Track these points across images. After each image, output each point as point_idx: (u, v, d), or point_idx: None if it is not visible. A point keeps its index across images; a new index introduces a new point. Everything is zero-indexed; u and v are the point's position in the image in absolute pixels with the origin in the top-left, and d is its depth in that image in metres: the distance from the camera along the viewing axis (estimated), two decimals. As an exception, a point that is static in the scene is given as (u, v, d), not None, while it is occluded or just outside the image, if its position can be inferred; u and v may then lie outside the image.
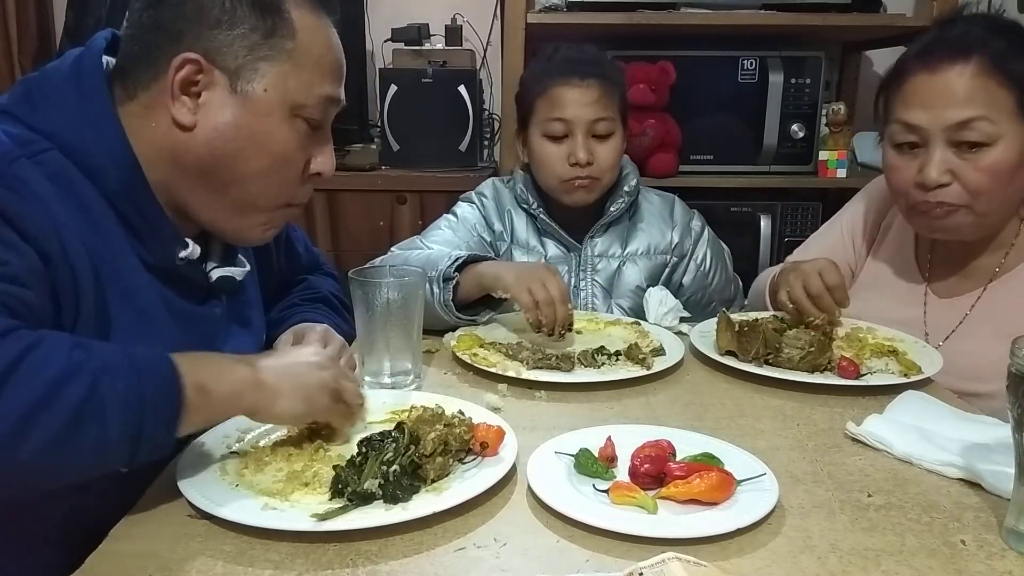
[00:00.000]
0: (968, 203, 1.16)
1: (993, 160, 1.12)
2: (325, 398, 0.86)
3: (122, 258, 0.87)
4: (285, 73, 0.88)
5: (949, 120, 1.13)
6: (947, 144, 1.14)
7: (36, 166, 0.80)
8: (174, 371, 0.73)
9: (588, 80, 1.44)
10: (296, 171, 0.92)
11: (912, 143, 1.18)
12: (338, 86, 0.93)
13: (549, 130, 1.47)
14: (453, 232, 1.52)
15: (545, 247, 1.56)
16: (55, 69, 0.88)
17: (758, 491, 0.80)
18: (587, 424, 0.97)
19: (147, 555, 0.71)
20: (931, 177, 1.15)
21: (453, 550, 0.73)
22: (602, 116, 1.46)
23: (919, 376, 1.12)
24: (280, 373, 0.83)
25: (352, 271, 1.10)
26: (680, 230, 1.57)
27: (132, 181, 0.87)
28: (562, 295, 1.21)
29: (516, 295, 1.21)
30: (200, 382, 0.75)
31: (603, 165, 1.47)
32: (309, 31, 0.89)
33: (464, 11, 2.54)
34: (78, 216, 0.82)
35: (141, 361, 0.72)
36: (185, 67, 0.85)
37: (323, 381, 0.86)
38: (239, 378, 0.79)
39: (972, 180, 1.14)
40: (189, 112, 0.86)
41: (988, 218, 1.19)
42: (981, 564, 0.71)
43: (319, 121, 0.92)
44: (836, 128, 2.30)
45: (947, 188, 1.15)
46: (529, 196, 1.54)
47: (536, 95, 1.48)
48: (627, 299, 1.52)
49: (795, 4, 2.16)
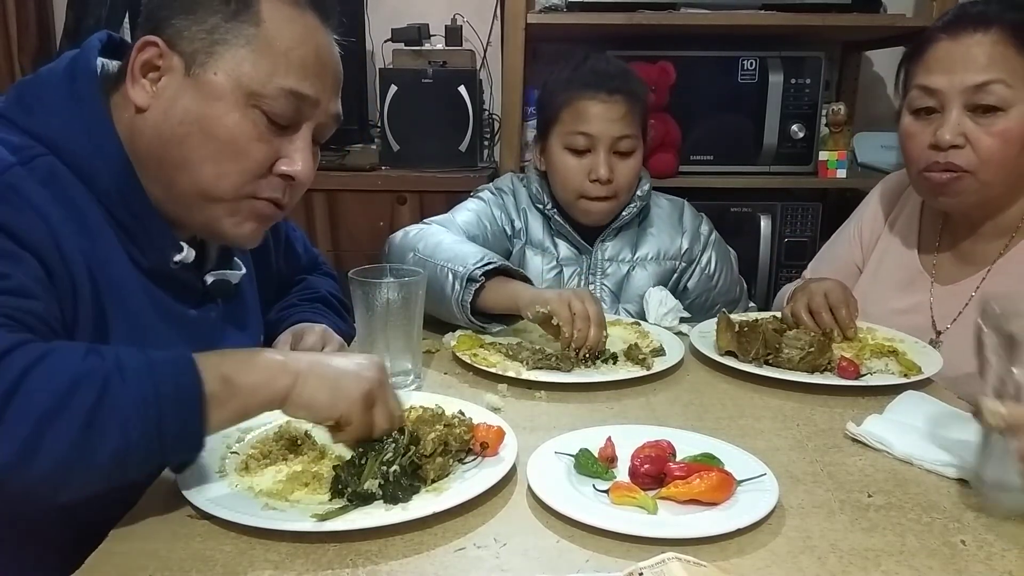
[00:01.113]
0: (975, 169, 1.18)
1: (1006, 126, 1.16)
2: (356, 393, 0.80)
3: (116, 262, 0.86)
4: (241, 58, 0.85)
5: (968, 83, 1.16)
6: (963, 108, 1.18)
7: (30, 172, 0.80)
8: (192, 366, 0.72)
9: (615, 96, 1.44)
10: (253, 163, 0.88)
11: (930, 108, 1.22)
12: (305, 82, 0.88)
13: (571, 143, 1.46)
14: (478, 217, 1.52)
15: (558, 248, 1.56)
16: (49, 72, 0.88)
17: (758, 491, 0.80)
18: (587, 424, 0.97)
19: (147, 555, 0.71)
20: (945, 138, 1.18)
21: (453, 550, 0.73)
22: (626, 134, 1.45)
23: (919, 376, 1.12)
24: (315, 363, 0.80)
25: (352, 271, 1.10)
26: (690, 236, 1.58)
27: (126, 184, 0.86)
28: (600, 319, 1.18)
29: (556, 309, 1.17)
30: (225, 373, 0.74)
31: (622, 183, 1.47)
32: (279, 21, 0.87)
33: (464, 11, 2.54)
34: (72, 221, 0.81)
35: (158, 360, 0.72)
36: (146, 49, 0.85)
37: (359, 379, 0.80)
38: (267, 365, 0.77)
39: (984, 145, 1.17)
40: (146, 95, 0.86)
41: (992, 188, 1.21)
42: (981, 564, 0.71)
43: (284, 117, 0.88)
44: (836, 128, 2.30)
45: (959, 150, 1.18)
46: (544, 196, 1.54)
47: (561, 105, 1.47)
48: (635, 303, 1.52)
49: (795, 4, 2.16)
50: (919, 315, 1.31)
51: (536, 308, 1.19)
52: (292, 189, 0.93)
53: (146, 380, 0.70)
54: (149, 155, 0.87)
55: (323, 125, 0.93)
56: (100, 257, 0.84)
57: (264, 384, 0.76)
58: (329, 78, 0.92)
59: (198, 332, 0.95)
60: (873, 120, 2.62)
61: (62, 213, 0.80)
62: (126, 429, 0.68)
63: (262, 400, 0.77)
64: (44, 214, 0.78)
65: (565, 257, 1.55)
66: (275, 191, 0.91)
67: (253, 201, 0.90)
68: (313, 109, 0.90)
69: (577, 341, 1.16)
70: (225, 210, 0.90)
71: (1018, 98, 1.15)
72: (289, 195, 0.93)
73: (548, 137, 1.51)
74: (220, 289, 0.99)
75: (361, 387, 0.80)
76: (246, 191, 0.89)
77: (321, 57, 0.90)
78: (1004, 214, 1.26)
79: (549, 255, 1.55)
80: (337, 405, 0.79)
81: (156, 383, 0.70)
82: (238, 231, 0.92)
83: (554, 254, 1.55)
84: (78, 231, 0.82)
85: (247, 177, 0.88)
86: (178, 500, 0.79)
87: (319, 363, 0.80)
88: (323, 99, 0.91)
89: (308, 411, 0.80)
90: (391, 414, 0.83)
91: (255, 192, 0.90)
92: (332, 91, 0.93)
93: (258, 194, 0.90)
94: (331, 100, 0.93)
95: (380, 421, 0.81)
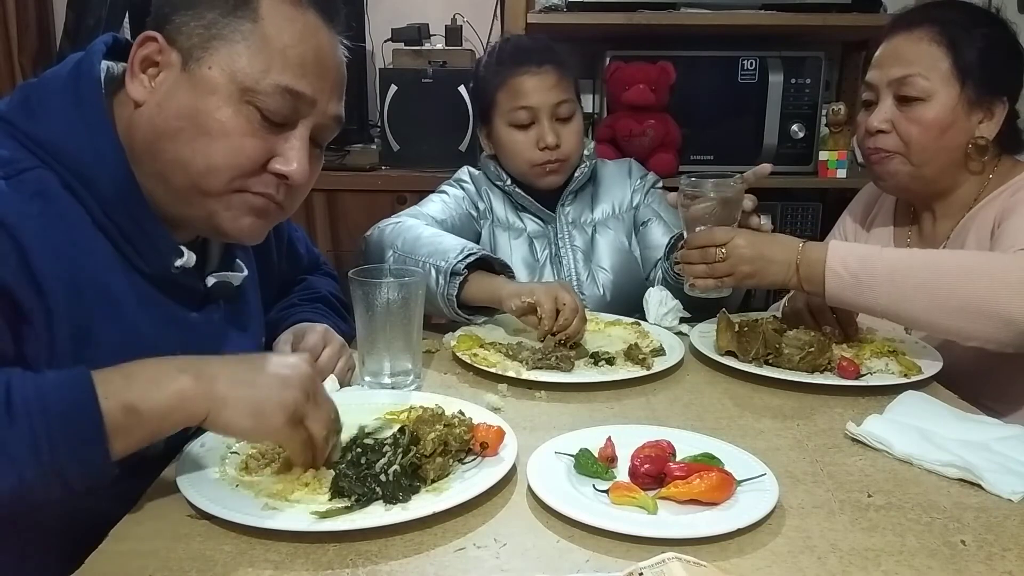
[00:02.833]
0: (903, 151, 1.31)
1: (924, 114, 1.28)
2: (279, 418, 0.76)
3: (110, 272, 0.85)
4: (236, 53, 0.85)
5: (892, 76, 1.30)
6: (893, 99, 1.31)
7: (16, 187, 0.79)
8: (87, 395, 0.69)
9: (545, 67, 1.50)
10: (244, 159, 0.86)
11: (869, 101, 1.36)
12: (302, 80, 0.87)
13: (514, 119, 1.51)
14: (445, 204, 1.56)
15: (524, 223, 1.60)
16: (53, 75, 0.88)
17: (758, 491, 0.80)
18: (587, 424, 0.97)
19: (147, 555, 0.71)
20: (872, 124, 1.32)
21: (453, 550, 0.73)
22: (563, 99, 1.51)
23: (919, 376, 1.13)
24: (235, 382, 0.76)
25: (352, 271, 1.10)
26: (636, 184, 1.65)
27: (126, 189, 0.86)
28: (582, 310, 1.23)
29: (540, 299, 1.22)
30: (129, 402, 0.70)
31: (569, 146, 1.53)
32: (278, 18, 0.86)
33: (464, 11, 2.54)
34: (58, 236, 0.80)
35: (51, 392, 0.68)
36: (145, 44, 0.85)
37: (282, 400, 0.76)
38: (176, 390, 0.73)
39: (905, 130, 1.30)
40: (143, 89, 0.86)
41: (924, 169, 1.32)
42: (981, 564, 0.71)
43: (279, 115, 0.87)
44: (836, 128, 2.30)
45: (886, 135, 1.32)
46: (502, 174, 1.59)
47: (496, 88, 1.52)
48: (607, 259, 1.57)
49: (795, 4, 2.16)
50: None
51: (521, 298, 1.23)
52: (289, 189, 0.91)
53: (36, 417, 0.67)
54: (145, 150, 0.87)
55: (322, 126, 0.92)
56: (90, 270, 0.83)
57: (174, 409, 0.73)
58: (329, 79, 0.91)
59: (200, 335, 0.95)
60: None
61: (47, 230, 0.79)
62: (19, 470, 0.66)
63: (175, 423, 0.74)
64: (18, 234, 0.76)
65: (533, 231, 1.59)
66: (267, 187, 0.90)
67: (246, 195, 0.89)
68: (310, 108, 0.89)
69: (560, 327, 1.20)
70: (220, 204, 0.89)
71: (936, 88, 1.27)
72: (286, 195, 0.92)
73: (491, 122, 1.56)
74: (222, 291, 0.99)
75: (284, 411, 0.76)
76: (237, 185, 0.88)
77: (321, 57, 0.90)
78: (954, 194, 1.36)
79: (516, 230, 1.59)
80: (261, 431, 0.78)
81: (48, 419, 0.67)
82: (237, 226, 0.91)
83: (521, 228, 1.59)
84: (64, 247, 0.80)
85: (238, 172, 0.87)
86: (178, 500, 0.79)
87: (239, 383, 0.76)
88: (321, 99, 0.90)
89: (229, 435, 0.78)
90: (325, 418, 0.81)
91: (246, 187, 0.89)
92: (332, 92, 0.92)
93: (250, 189, 0.89)
94: (331, 101, 0.92)
95: (316, 430, 0.79)
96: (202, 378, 0.74)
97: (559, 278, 1.55)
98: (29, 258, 0.77)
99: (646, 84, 2.11)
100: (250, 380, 0.77)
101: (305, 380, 0.79)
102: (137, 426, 0.71)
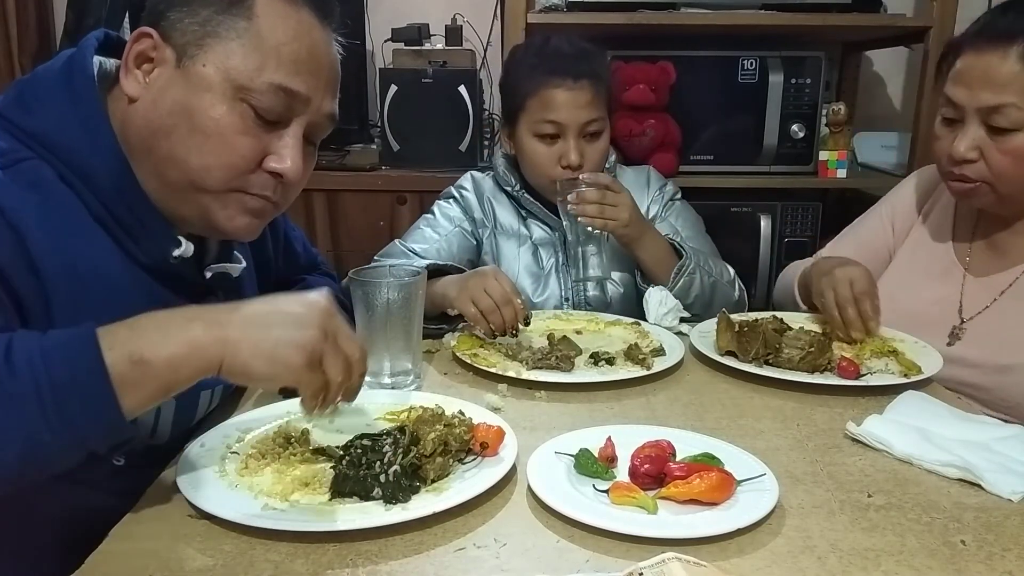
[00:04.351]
0: (990, 181, 1.21)
1: (1018, 145, 1.17)
2: (297, 360, 0.72)
3: (108, 263, 0.85)
4: (230, 51, 0.85)
5: (983, 103, 1.18)
6: (980, 123, 1.20)
7: (14, 176, 0.79)
8: (93, 350, 0.67)
9: (581, 81, 1.43)
10: (238, 157, 0.86)
11: (952, 118, 1.24)
12: (296, 78, 0.87)
13: (540, 130, 1.46)
14: (432, 230, 1.53)
15: (530, 230, 1.56)
16: (46, 70, 0.88)
17: (758, 491, 0.80)
18: (587, 424, 0.97)
19: (147, 555, 0.71)
20: (959, 151, 1.21)
21: (453, 550, 0.73)
22: (594, 117, 1.45)
23: (919, 376, 1.12)
24: (248, 325, 0.72)
25: (352, 271, 1.10)
26: (655, 195, 1.61)
27: (122, 180, 0.86)
28: (504, 298, 1.21)
29: (462, 309, 1.22)
30: (135, 352, 0.68)
31: (592, 166, 1.47)
32: (273, 16, 0.86)
33: (464, 11, 2.54)
34: (56, 226, 0.81)
35: (53, 347, 0.67)
36: (140, 40, 0.86)
37: (298, 340, 0.72)
38: (187, 339, 0.70)
39: (996, 161, 1.19)
40: (138, 85, 0.86)
41: (1012, 198, 1.23)
42: (981, 564, 0.71)
43: (273, 112, 0.87)
44: (836, 128, 2.29)
45: (973, 164, 1.21)
46: (512, 178, 1.55)
47: (527, 93, 1.47)
48: (617, 270, 1.53)
49: (795, 4, 2.16)
50: (948, 305, 1.31)
51: (451, 311, 1.23)
52: (284, 187, 0.91)
53: (39, 370, 0.65)
54: (140, 146, 0.87)
55: (316, 124, 0.92)
56: (89, 259, 0.83)
57: (186, 358, 0.69)
58: (323, 77, 0.91)
59: None
60: (873, 120, 2.62)
61: (44, 219, 0.80)
62: (29, 428, 0.64)
63: (188, 374, 0.70)
64: (16, 221, 0.77)
65: (539, 238, 1.56)
66: (264, 188, 0.90)
67: (242, 195, 0.89)
68: (304, 106, 0.89)
69: (498, 329, 1.22)
70: (216, 202, 0.88)
71: None
72: (281, 193, 0.92)
73: (516, 124, 1.51)
74: (220, 283, 0.99)
75: (302, 352, 0.72)
76: (234, 185, 0.88)
77: (315, 55, 0.90)
78: None
79: (522, 238, 1.56)
80: (277, 376, 0.73)
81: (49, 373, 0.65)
82: (232, 224, 0.91)
83: (526, 235, 1.56)
84: (62, 236, 0.81)
85: (233, 171, 0.87)
86: (178, 500, 0.79)
87: (252, 325, 0.72)
88: (315, 97, 0.90)
89: (245, 381, 0.75)
90: (346, 360, 0.76)
91: (244, 187, 0.89)
92: (326, 90, 0.92)
93: (247, 189, 0.89)
94: (325, 99, 0.92)
95: (332, 375, 0.75)
96: (213, 324, 0.71)
97: (565, 288, 1.53)
98: (27, 245, 0.78)
99: (646, 84, 2.11)
100: (264, 322, 0.73)
101: (323, 317, 0.75)
102: (148, 378, 0.68)
